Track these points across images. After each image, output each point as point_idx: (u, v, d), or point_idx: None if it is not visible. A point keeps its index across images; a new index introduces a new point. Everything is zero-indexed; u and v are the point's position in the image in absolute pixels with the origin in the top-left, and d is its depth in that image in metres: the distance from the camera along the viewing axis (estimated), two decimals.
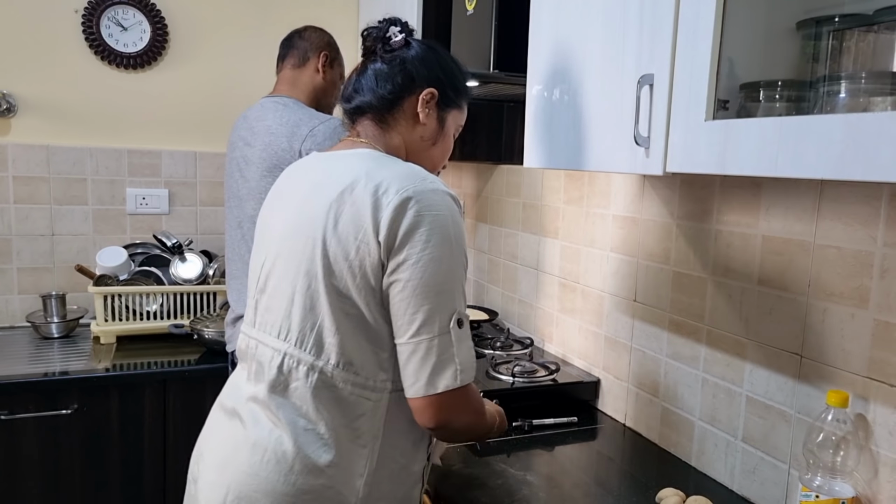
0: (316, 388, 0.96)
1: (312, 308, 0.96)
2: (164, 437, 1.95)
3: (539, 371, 1.76)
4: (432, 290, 0.93)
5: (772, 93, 0.93)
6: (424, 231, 0.92)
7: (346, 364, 0.96)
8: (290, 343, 0.98)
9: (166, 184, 2.45)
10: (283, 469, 0.95)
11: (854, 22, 0.90)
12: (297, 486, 0.95)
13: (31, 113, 2.27)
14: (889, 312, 1.02)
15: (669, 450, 1.49)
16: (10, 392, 1.79)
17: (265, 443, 0.97)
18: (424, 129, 1.11)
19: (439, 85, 1.10)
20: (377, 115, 1.09)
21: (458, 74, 1.15)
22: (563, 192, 1.89)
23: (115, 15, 2.30)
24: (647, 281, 1.55)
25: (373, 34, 1.11)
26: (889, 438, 1.03)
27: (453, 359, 0.94)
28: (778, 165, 0.79)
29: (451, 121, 1.15)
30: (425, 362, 0.93)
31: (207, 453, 1.05)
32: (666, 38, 0.97)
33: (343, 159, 1.04)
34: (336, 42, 1.84)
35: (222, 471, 0.99)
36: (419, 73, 1.09)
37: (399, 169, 0.98)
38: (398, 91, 1.08)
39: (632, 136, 1.04)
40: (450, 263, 0.94)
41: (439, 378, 0.93)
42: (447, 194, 0.97)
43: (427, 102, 1.09)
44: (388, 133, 1.09)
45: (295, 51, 1.78)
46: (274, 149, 1.63)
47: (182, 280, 2.28)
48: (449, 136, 1.16)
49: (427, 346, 0.93)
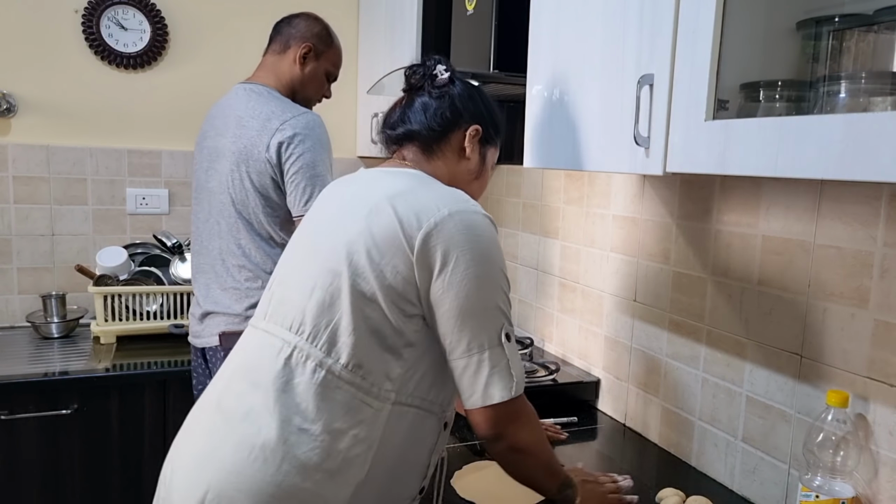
0: (320, 387, 0.95)
1: (332, 305, 0.96)
2: (164, 437, 1.95)
3: (539, 371, 1.76)
4: (479, 306, 0.95)
5: (772, 93, 0.93)
6: (467, 250, 0.94)
7: (356, 366, 0.96)
8: (302, 337, 0.97)
9: (166, 184, 2.44)
10: (269, 468, 0.93)
11: (854, 22, 0.90)
12: (282, 488, 0.92)
13: (31, 113, 2.27)
14: (889, 312, 1.02)
15: (669, 450, 1.49)
16: (10, 392, 1.79)
17: (252, 440, 0.94)
18: (469, 164, 1.15)
19: (483, 122, 1.15)
20: (424, 144, 1.13)
21: (497, 114, 1.20)
22: (563, 192, 1.89)
23: (115, 15, 2.30)
24: (647, 281, 1.55)
25: (419, 71, 1.15)
26: (889, 438, 1.03)
27: (507, 370, 0.97)
28: (778, 165, 0.79)
29: (490, 156, 1.20)
30: (478, 375, 0.96)
31: (185, 451, 1.02)
32: (666, 38, 0.97)
33: (389, 175, 1.07)
34: (329, 35, 1.77)
35: (201, 468, 0.96)
36: (466, 110, 1.14)
37: (442, 190, 1.02)
38: (447, 124, 1.13)
39: (632, 136, 1.04)
40: (493, 282, 0.97)
41: (493, 389, 0.96)
42: (486, 217, 1.00)
43: (472, 138, 1.14)
44: (432, 161, 1.13)
45: (280, 37, 1.74)
46: (244, 142, 1.59)
47: (182, 280, 2.28)
48: (488, 172, 1.21)
49: (479, 360, 0.96)
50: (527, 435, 1.01)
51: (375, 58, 2.35)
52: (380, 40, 2.30)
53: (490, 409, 0.96)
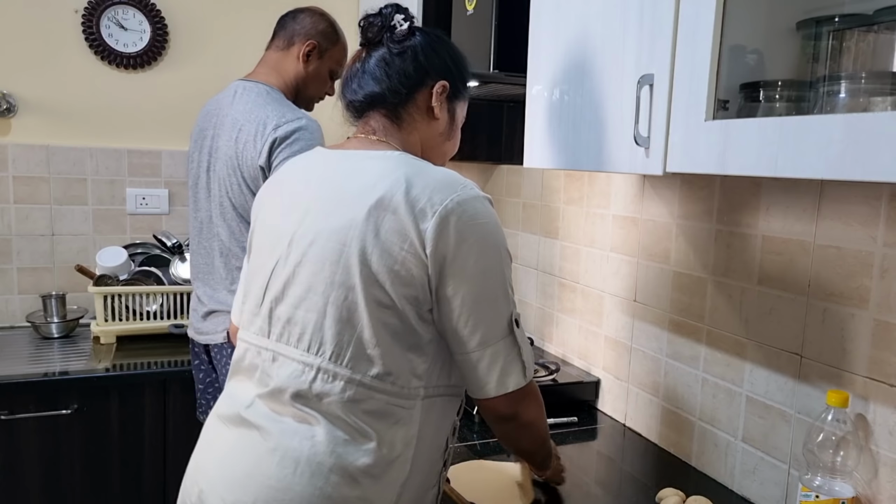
0: (352, 401, 0.93)
1: (350, 320, 0.93)
2: (164, 437, 1.95)
3: (539, 371, 1.76)
4: (489, 299, 0.94)
5: (772, 93, 0.94)
6: (474, 243, 0.92)
7: (385, 375, 0.94)
8: (324, 357, 0.94)
9: (166, 184, 2.44)
10: (317, 481, 0.91)
11: (854, 22, 0.90)
12: (332, 499, 0.91)
13: (31, 113, 2.27)
14: (889, 312, 1.02)
15: (669, 450, 1.49)
16: (10, 392, 1.79)
17: (297, 453, 0.92)
18: (439, 124, 1.07)
19: (450, 76, 1.06)
20: (390, 110, 1.04)
21: (464, 63, 1.11)
22: (563, 192, 1.89)
23: (115, 15, 2.30)
24: (647, 281, 1.55)
25: (376, 23, 1.04)
26: (889, 438, 1.03)
27: (519, 358, 0.97)
28: (778, 165, 0.79)
29: (460, 112, 1.12)
30: (493, 366, 0.95)
31: (214, 469, 0.98)
32: (666, 38, 0.97)
33: (370, 161, 0.98)
34: (335, 31, 1.72)
35: (244, 486, 0.94)
36: (431, 65, 1.04)
37: (437, 175, 0.95)
38: (412, 83, 1.03)
39: (632, 136, 1.04)
40: (500, 270, 0.95)
41: (508, 378, 0.96)
42: (484, 198, 0.96)
43: (440, 95, 1.05)
44: (402, 129, 1.05)
45: (283, 32, 1.68)
46: (239, 146, 1.54)
47: (182, 280, 2.27)
48: (458, 129, 1.13)
49: (493, 352, 0.94)
50: (534, 410, 1.03)
51: None
52: None
53: (503, 396, 0.96)
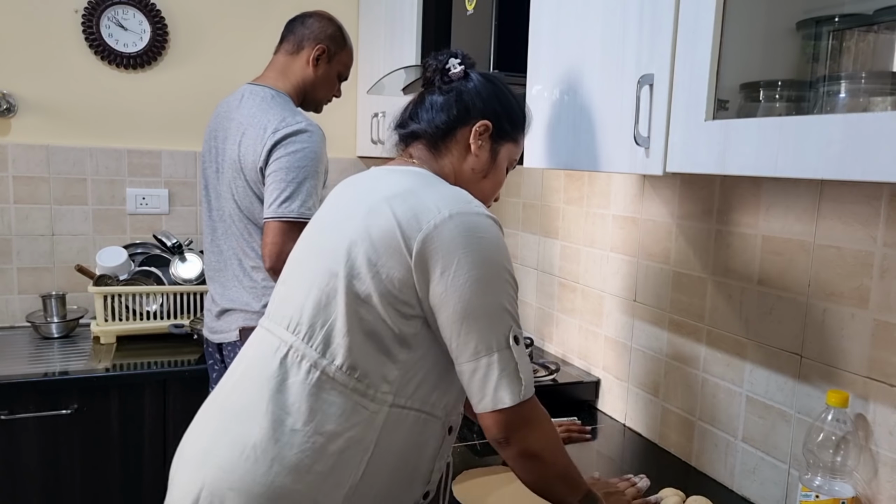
0: (314, 387, 0.95)
1: (327, 306, 0.96)
2: (164, 437, 1.95)
3: (539, 371, 1.76)
4: (484, 309, 0.93)
5: (772, 93, 0.94)
6: (469, 252, 0.92)
7: (350, 368, 0.95)
8: (298, 336, 0.97)
9: (166, 184, 2.44)
10: (260, 468, 0.93)
11: (854, 22, 0.90)
12: (272, 488, 0.92)
13: (31, 113, 2.27)
14: (889, 312, 1.02)
15: (669, 450, 1.49)
16: (10, 392, 1.79)
17: (245, 439, 0.94)
18: (476, 161, 1.10)
19: (494, 117, 1.10)
20: (430, 142, 1.10)
21: (515, 108, 1.14)
22: (563, 192, 1.89)
23: (115, 15, 2.30)
24: (647, 281, 1.55)
25: (432, 66, 1.12)
26: (889, 438, 1.03)
27: (516, 373, 0.94)
28: (778, 165, 0.79)
29: (505, 154, 1.14)
30: (487, 379, 0.93)
31: (186, 449, 1.04)
32: (666, 38, 0.97)
33: (393, 174, 1.05)
34: (343, 35, 1.75)
35: (200, 465, 0.97)
36: (474, 105, 1.09)
37: (445, 190, 0.98)
38: (452, 121, 1.09)
39: (632, 136, 1.04)
40: (497, 283, 0.94)
41: (502, 393, 0.93)
42: (490, 218, 0.97)
43: (480, 134, 1.09)
44: (439, 159, 1.10)
45: (292, 36, 1.71)
46: (243, 150, 1.58)
47: (182, 280, 2.27)
48: (501, 170, 1.15)
49: (487, 363, 0.93)
50: (537, 440, 0.98)
51: (375, 58, 2.35)
52: (380, 40, 2.29)
53: (500, 413, 0.94)
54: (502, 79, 1.16)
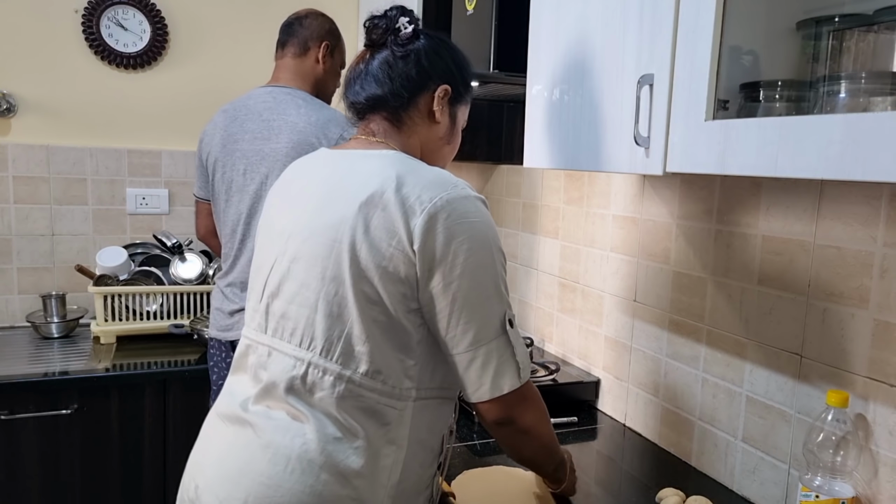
0: (342, 398, 0.94)
1: (340, 315, 0.93)
2: (164, 437, 1.95)
3: (539, 371, 1.76)
4: (480, 297, 0.92)
5: (772, 93, 0.93)
6: (464, 240, 0.91)
7: (375, 373, 0.94)
8: (315, 352, 0.94)
9: (166, 184, 2.44)
10: (308, 479, 0.91)
11: (854, 22, 0.90)
12: (322, 497, 0.91)
13: (31, 113, 2.27)
14: (889, 312, 1.02)
15: (669, 450, 1.49)
16: (10, 392, 1.79)
17: (287, 451, 0.92)
18: (440, 128, 1.08)
19: (452, 80, 1.06)
20: (391, 113, 1.04)
21: (467, 68, 1.11)
22: (563, 192, 1.89)
23: (115, 15, 2.30)
24: (647, 281, 1.55)
25: (381, 25, 1.05)
26: (889, 438, 1.03)
27: (513, 358, 0.94)
28: (778, 165, 0.79)
29: (461, 116, 1.12)
30: (486, 367, 0.93)
31: (210, 466, 0.99)
32: (666, 38, 0.97)
33: (365, 160, 0.99)
34: (337, 27, 1.81)
35: (236, 483, 0.94)
36: (434, 69, 1.04)
37: (428, 175, 0.95)
38: (414, 88, 1.04)
39: (632, 136, 1.04)
40: (492, 268, 0.94)
41: (503, 380, 0.94)
42: (477, 199, 0.96)
43: (441, 99, 1.06)
44: (402, 132, 1.05)
45: (295, 39, 1.75)
46: (305, 147, 1.60)
47: (182, 280, 2.28)
48: (459, 133, 1.13)
49: (486, 352, 0.93)
50: (532, 415, 1.00)
51: None
52: None
53: (500, 398, 0.94)
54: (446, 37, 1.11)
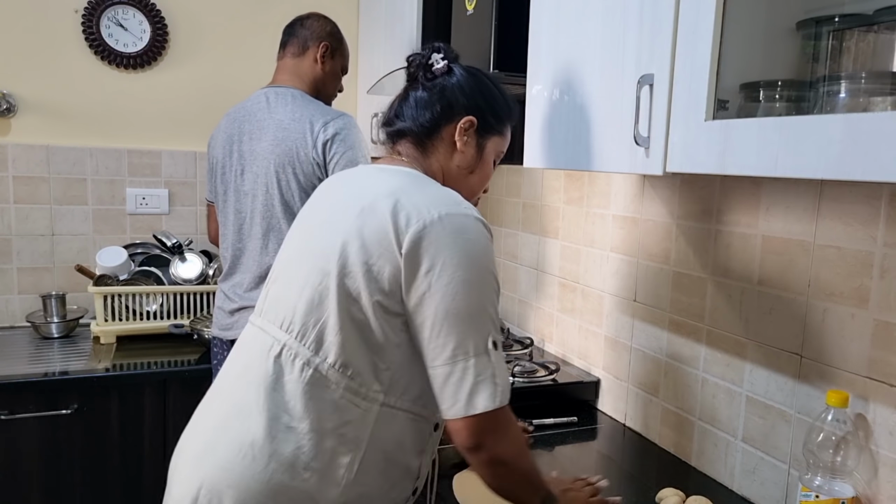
0: (308, 385, 0.95)
1: (320, 304, 0.96)
2: (164, 437, 1.95)
3: (539, 371, 1.76)
4: (464, 312, 0.92)
5: (772, 93, 0.93)
6: (455, 254, 0.92)
7: (343, 366, 0.95)
8: (292, 335, 0.98)
9: (166, 184, 2.45)
10: (258, 466, 0.93)
11: (854, 22, 0.89)
12: (269, 485, 0.93)
13: (31, 113, 2.27)
14: (889, 312, 1.02)
15: (669, 450, 1.49)
16: (10, 392, 1.79)
17: (243, 437, 0.95)
18: (462, 158, 1.10)
19: (478, 112, 1.10)
20: (416, 140, 1.10)
21: (499, 100, 1.13)
22: (563, 192, 1.89)
23: (115, 15, 2.30)
24: (647, 281, 1.55)
25: (416, 61, 1.11)
26: (889, 438, 1.03)
27: (492, 379, 0.93)
28: (778, 165, 0.79)
29: (492, 148, 1.14)
30: (462, 383, 0.92)
31: (185, 448, 1.05)
32: (666, 38, 0.97)
33: (383, 172, 1.05)
34: (339, 31, 1.83)
35: (199, 464, 0.98)
36: (458, 101, 1.09)
37: (435, 191, 0.99)
38: (436, 119, 1.09)
39: (632, 136, 1.04)
40: (480, 286, 0.93)
41: (477, 398, 0.92)
42: (479, 220, 0.97)
43: (465, 131, 1.09)
44: (427, 157, 1.10)
45: (295, 39, 1.78)
46: (289, 144, 1.64)
47: (182, 280, 2.28)
48: (488, 164, 1.15)
49: (463, 368, 0.92)
50: (507, 446, 0.97)
51: (375, 58, 2.35)
52: (380, 40, 2.29)
53: (472, 418, 0.92)
54: (486, 72, 1.16)
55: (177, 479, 1.02)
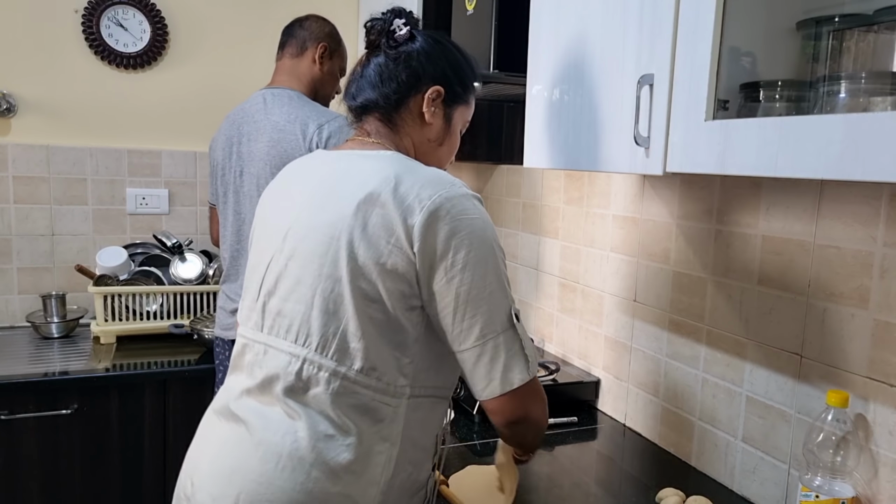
0: (337, 395, 0.94)
1: (336, 312, 0.94)
2: (164, 437, 1.95)
3: (539, 371, 1.76)
4: (484, 292, 0.92)
5: (772, 93, 0.93)
6: (464, 237, 0.91)
7: (370, 370, 0.94)
8: (310, 349, 0.95)
9: (166, 184, 2.44)
10: (299, 476, 0.92)
11: (854, 22, 0.90)
12: (313, 494, 0.92)
13: (31, 113, 2.27)
14: (889, 312, 1.02)
15: (669, 450, 1.49)
16: (10, 392, 1.79)
17: (279, 448, 0.93)
18: (431, 130, 1.08)
19: (445, 81, 1.06)
20: (384, 115, 1.06)
21: (465, 68, 1.10)
22: (563, 192, 1.89)
23: (115, 15, 2.30)
24: (647, 281, 1.55)
25: (376, 27, 1.06)
26: (889, 438, 1.03)
27: (522, 351, 0.94)
28: (778, 165, 0.79)
29: (458, 117, 1.11)
30: (495, 362, 0.92)
31: (204, 463, 1.00)
32: (666, 38, 0.97)
33: (363, 160, 1.00)
34: (338, 33, 1.83)
35: (229, 480, 0.95)
36: (425, 70, 1.05)
37: (426, 174, 0.96)
38: (403, 90, 1.04)
39: (632, 136, 1.04)
40: (494, 263, 0.93)
41: (512, 374, 0.93)
42: (474, 197, 0.96)
43: (433, 101, 1.06)
44: (395, 132, 1.07)
45: (294, 40, 1.79)
46: (283, 145, 1.64)
47: (182, 280, 2.28)
48: (456, 134, 1.13)
49: (494, 346, 0.92)
50: (542, 409, 1.00)
51: None
52: None
53: (510, 394, 0.93)
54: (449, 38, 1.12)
55: (201, 497, 0.97)
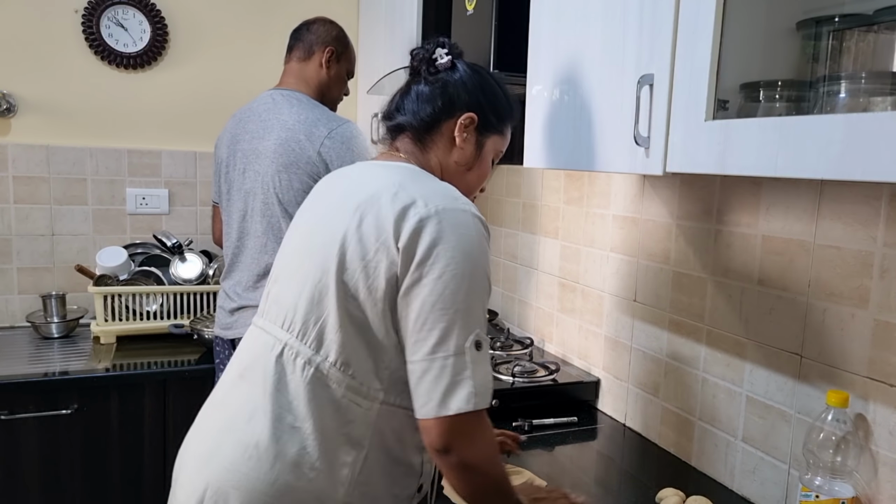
0: (310, 384, 0.95)
1: (320, 302, 0.96)
2: (164, 437, 1.95)
3: (539, 371, 1.76)
4: (451, 307, 0.90)
5: (772, 93, 0.93)
6: (449, 248, 0.90)
7: (344, 364, 0.95)
8: (293, 334, 0.97)
9: (166, 184, 2.45)
10: (263, 466, 0.93)
11: (854, 22, 0.90)
12: (275, 486, 0.93)
13: (31, 113, 2.27)
14: (889, 312, 1.02)
15: (669, 450, 1.49)
16: (10, 392, 1.79)
17: (248, 438, 0.95)
18: (461, 154, 1.10)
19: (479, 110, 1.09)
20: (416, 135, 1.09)
21: (502, 100, 1.13)
22: (563, 192, 1.89)
23: (115, 15, 2.30)
24: (647, 281, 1.55)
25: (419, 55, 1.11)
26: (889, 438, 1.03)
27: (469, 380, 0.90)
28: (778, 165, 0.79)
29: (491, 146, 1.13)
30: (438, 382, 0.89)
31: (189, 450, 1.04)
32: (666, 38, 0.97)
33: (380, 169, 1.05)
34: (345, 36, 1.84)
35: (204, 466, 0.98)
36: (460, 97, 1.08)
37: (433, 186, 0.98)
38: (437, 114, 1.08)
39: (632, 136, 1.04)
40: (471, 283, 0.92)
41: (452, 399, 0.89)
42: (476, 217, 0.96)
43: (465, 127, 1.08)
44: (425, 153, 1.09)
45: (301, 43, 1.80)
46: (291, 145, 1.64)
47: (182, 280, 2.28)
48: (487, 162, 1.14)
49: (441, 365, 0.90)
50: (478, 451, 0.93)
51: (375, 58, 2.35)
52: (380, 40, 2.29)
53: (443, 419, 0.89)
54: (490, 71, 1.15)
55: (182, 481, 1.02)
